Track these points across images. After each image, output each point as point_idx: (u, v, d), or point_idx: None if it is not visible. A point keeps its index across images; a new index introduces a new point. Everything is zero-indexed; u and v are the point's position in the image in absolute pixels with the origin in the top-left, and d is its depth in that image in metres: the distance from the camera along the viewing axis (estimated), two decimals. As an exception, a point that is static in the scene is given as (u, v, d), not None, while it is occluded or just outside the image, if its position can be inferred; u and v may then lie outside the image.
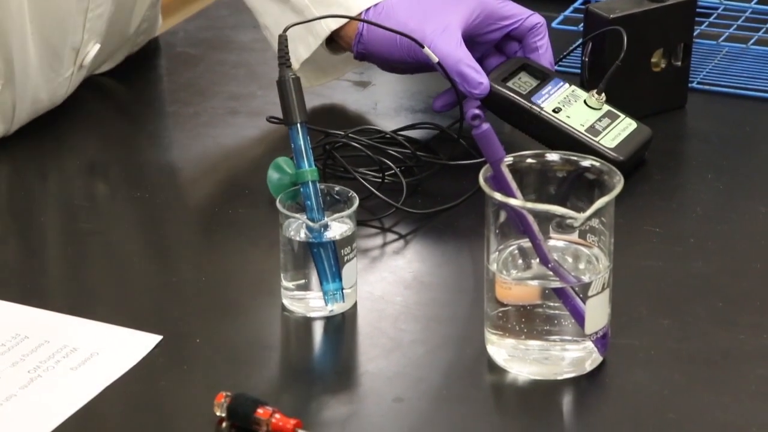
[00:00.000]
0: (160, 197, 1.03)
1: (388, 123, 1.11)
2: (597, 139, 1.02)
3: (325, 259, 0.86)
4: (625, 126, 1.04)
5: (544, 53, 1.06)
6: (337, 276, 0.86)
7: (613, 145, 1.02)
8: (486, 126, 0.80)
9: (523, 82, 1.04)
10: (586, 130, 1.02)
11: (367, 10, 1.05)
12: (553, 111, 1.03)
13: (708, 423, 0.79)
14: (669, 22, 1.10)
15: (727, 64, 1.19)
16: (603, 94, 1.04)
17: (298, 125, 0.89)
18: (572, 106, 1.03)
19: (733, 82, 1.16)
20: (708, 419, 0.79)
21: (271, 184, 0.92)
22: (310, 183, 0.88)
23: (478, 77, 1.01)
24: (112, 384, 0.81)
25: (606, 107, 1.04)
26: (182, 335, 0.86)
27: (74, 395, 0.80)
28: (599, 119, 1.03)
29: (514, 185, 0.81)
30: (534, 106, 1.03)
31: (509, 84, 1.04)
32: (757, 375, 0.82)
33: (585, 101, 1.04)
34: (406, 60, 1.04)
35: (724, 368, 0.83)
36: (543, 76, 1.05)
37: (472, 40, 1.05)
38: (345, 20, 1.05)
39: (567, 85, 1.05)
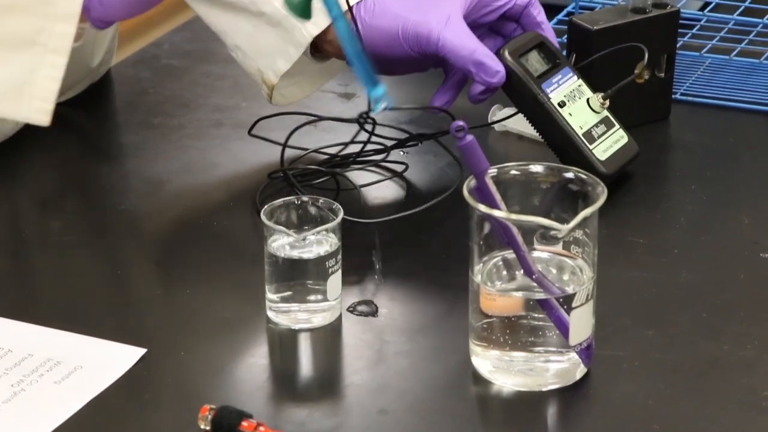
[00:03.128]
0: (145, 209, 1.02)
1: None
2: (591, 147, 1.01)
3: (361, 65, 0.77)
4: (617, 138, 1.03)
5: (547, 28, 1.03)
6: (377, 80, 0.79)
7: (604, 157, 1.02)
8: (470, 138, 0.80)
9: (536, 61, 1.02)
10: (583, 134, 1.01)
11: (357, 6, 0.99)
12: (559, 104, 1.01)
13: (692, 433, 0.79)
14: (652, 33, 1.10)
15: (711, 75, 1.20)
16: (608, 101, 1.03)
17: None
18: (576, 103, 1.02)
19: (716, 93, 1.17)
20: (693, 430, 0.79)
21: None
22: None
23: (495, 65, 0.98)
24: (97, 397, 0.81)
25: (605, 113, 1.03)
26: (166, 348, 0.85)
27: (58, 409, 0.80)
28: (597, 124, 1.03)
29: (498, 197, 0.81)
30: (542, 94, 1.01)
31: (523, 60, 1.01)
32: (742, 385, 0.82)
33: (588, 101, 1.03)
34: (410, 54, 0.99)
35: (708, 378, 0.83)
36: (555, 61, 1.03)
37: (467, 25, 1.00)
38: (327, 24, 1.00)
39: (575, 77, 1.03)
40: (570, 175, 0.83)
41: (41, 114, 0.94)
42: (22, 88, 0.94)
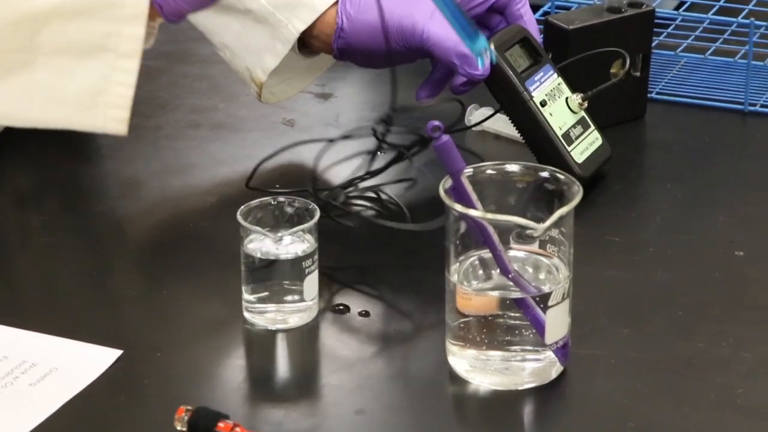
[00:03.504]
0: (122, 210, 1.02)
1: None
2: (569, 149, 1.01)
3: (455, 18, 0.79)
4: (592, 140, 1.04)
5: (529, 20, 1.02)
6: (476, 30, 0.80)
7: (581, 159, 1.02)
8: (446, 138, 0.80)
9: (519, 56, 1.01)
10: (562, 135, 1.01)
11: (342, 0, 0.99)
12: (540, 103, 1.01)
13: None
14: (628, 32, 1.10)
15: (686, 74, 1.20)
16: (586, 102, 1.03)
17: None
18: (556, 103, 1.02)
19: (691, 92, 1.17)
20: (668, 428, 0.80)
21: None
22: None
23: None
24: (72, 399, 0.81)
25: (582, 113, 1.04)
26: (143, 349, 0.85)
27: (33, 411, 0.80)
28: (574, 125, 1.03)
29: (474, 196, 0.82)
30: (525, 92, 1.00)
31: (507, 55, 1.00)
32: (717, 383, 0.83)
33: (566, 100, 1.03)
34: (396, 48, 0.99)
35: (684, 377, 0.84)
36: (537, 57, 1.02)
37: None
38: (313, 20, 1.00)
39: (555, 75, 1.03)
40: (546, 174, 0.83)
41: (118, 123, 0.89)
42: (95, 98, 0.89)
